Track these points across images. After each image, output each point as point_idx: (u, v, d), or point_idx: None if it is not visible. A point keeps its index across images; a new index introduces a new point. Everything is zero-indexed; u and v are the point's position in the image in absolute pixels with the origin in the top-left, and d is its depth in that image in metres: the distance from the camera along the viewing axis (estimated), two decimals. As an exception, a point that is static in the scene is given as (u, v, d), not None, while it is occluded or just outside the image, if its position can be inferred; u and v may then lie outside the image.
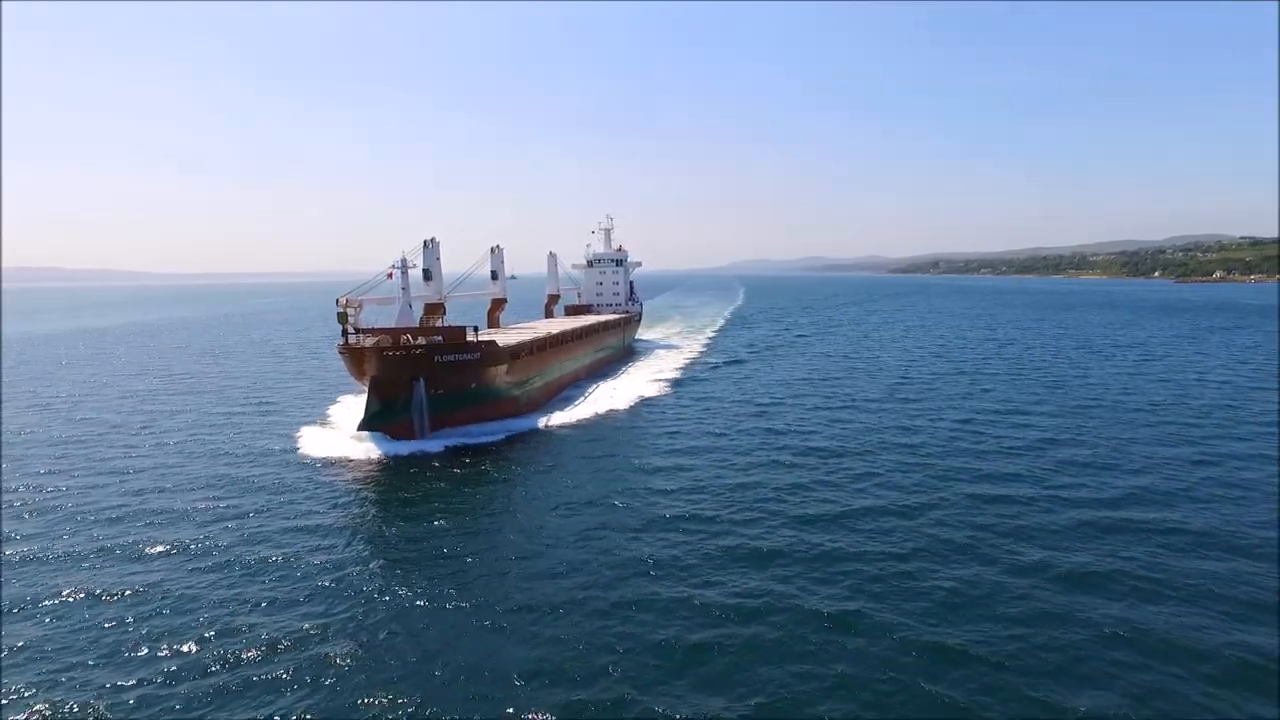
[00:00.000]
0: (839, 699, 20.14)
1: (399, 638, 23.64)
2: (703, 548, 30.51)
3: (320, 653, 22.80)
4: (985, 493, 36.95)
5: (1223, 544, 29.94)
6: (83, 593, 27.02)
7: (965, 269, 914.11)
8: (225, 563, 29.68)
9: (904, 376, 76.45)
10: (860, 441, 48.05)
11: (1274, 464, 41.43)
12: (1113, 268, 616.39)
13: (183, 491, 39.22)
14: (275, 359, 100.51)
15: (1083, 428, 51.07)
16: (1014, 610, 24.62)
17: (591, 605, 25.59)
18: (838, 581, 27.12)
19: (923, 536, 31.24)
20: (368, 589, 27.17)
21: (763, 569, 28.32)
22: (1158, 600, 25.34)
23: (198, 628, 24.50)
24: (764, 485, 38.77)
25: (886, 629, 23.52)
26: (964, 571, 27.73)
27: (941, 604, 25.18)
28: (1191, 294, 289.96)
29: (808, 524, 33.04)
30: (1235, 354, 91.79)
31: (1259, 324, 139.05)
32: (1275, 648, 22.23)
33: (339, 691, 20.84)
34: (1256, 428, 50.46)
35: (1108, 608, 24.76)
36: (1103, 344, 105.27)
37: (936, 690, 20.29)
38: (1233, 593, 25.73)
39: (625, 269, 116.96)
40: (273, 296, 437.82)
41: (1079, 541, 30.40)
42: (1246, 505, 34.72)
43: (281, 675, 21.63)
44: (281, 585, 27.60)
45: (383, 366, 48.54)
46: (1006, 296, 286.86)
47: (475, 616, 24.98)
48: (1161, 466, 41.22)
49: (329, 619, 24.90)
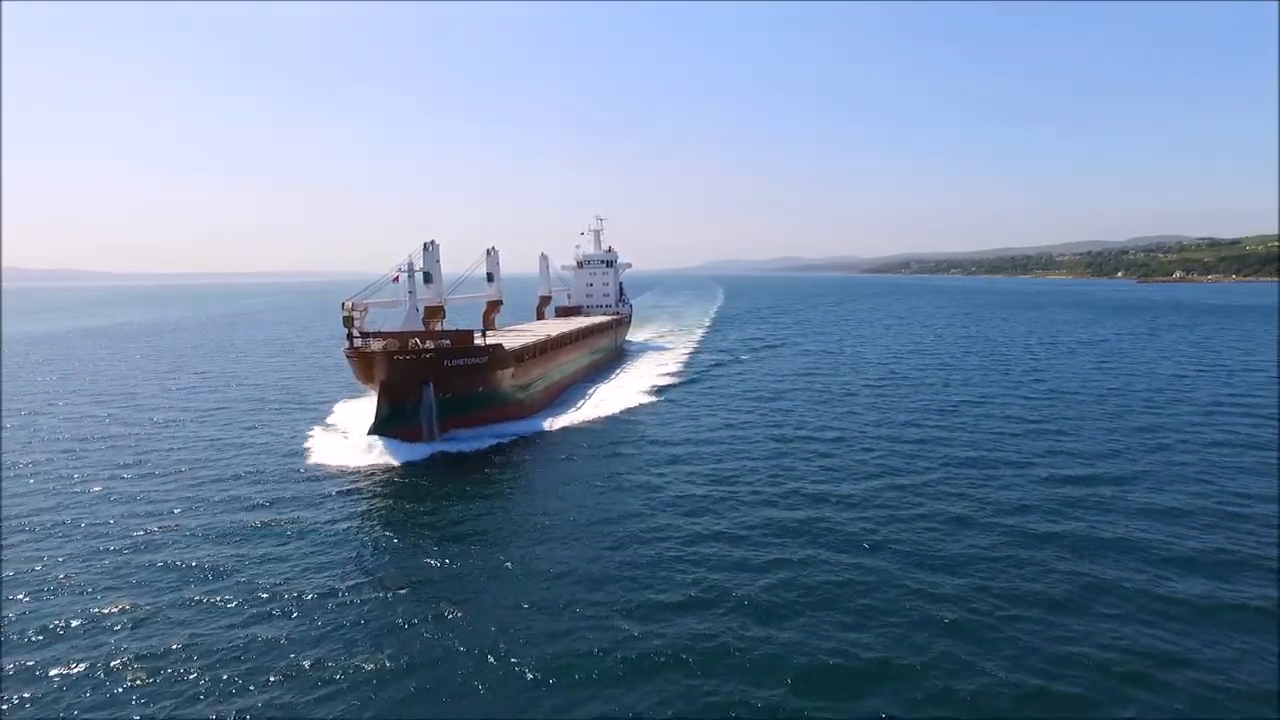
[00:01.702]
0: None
1: (415, 642, 23.70)
2: (725, 549, 31.11)
3: (328, 656, 22.87)
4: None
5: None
6: (84, 615, 26.20)
7: (936, 269, 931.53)
8: (233, 568, 29.61)
9: (892, 371, 79.03)
10: (859, 434, 49.72)
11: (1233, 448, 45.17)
12: (1078, 268, 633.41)
13: (194, 502, 38.74)
14: (277, 359, 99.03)
15: (1056, 414, 55.93)
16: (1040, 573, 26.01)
17: (617, 606, 25.94)
18: (867, 584, 27.96)
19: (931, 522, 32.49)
20: (386, 596, 27.14)
21: (792, 562, 29.06)
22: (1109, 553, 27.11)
23: (204, 629, 24.67)
24: (781, 476, 39.74)
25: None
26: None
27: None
28: (1152, 293, 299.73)
29: (828, 520, 33.96)
30: (1189, 349, 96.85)
31: (1209, 320, 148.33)
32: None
33: (342, 693, 21.00)
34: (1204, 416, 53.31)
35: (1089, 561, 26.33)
36: (1069, 341, 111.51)
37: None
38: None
39: (615, 270, 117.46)
40: (258, 297, 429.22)
41: (1063, 508, 32.21)
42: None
43: (286, 678, 21.75)
44: (292, 591, 27.48)
45: (392, 370, 48.45)
46: (978, 296, 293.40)
47: (497, 618, 25.20)
48: (1125, 446, 44.14)
49: (341, 622, 24.97)
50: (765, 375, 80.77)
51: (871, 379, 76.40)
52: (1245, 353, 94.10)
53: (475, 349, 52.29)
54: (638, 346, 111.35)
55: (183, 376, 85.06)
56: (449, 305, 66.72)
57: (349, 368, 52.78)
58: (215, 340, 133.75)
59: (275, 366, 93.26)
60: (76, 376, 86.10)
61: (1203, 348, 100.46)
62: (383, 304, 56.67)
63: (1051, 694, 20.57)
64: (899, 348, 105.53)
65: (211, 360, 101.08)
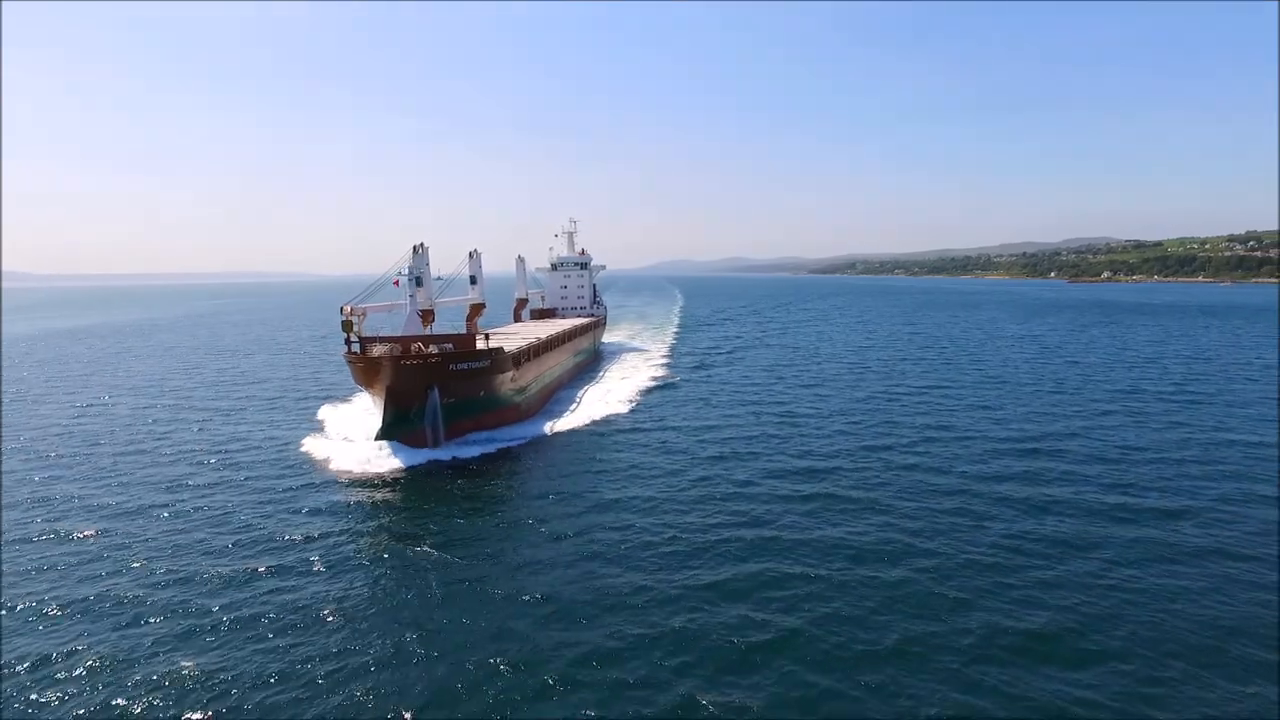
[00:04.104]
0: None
1: (430, 647, 23.65)
2: (733, 545, 31.75)
3: (338, 660, 22.89)
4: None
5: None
6: (84, 615, 26.18)
7: (881, 269, 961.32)
8: (241, 572, 29.29)
9: (863, 369, 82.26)
10: (851, 420, 52.53)
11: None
12: (1014, 268, 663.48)
13: (195, 508, 37.43)
14: (277, 358, 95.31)
15: (999, 396, 63.86)
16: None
17: (636, 607, 26.11)
18: (868, 578, 28.88)
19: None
20: (401, 602, 26.99)
21: (797, 566, 29.62)
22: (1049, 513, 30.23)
23: (212, 632, 24.64)
24: (781, 473, 41.00)
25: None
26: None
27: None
28: (1080, 293, 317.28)
29: (825, 513, 35.26)
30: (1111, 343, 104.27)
31: (1121, 319, 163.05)
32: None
33: (343, 694, 21.12)
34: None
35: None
36: (1006, 336, 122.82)
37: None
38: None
39: (590, 272, 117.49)
40: (202, 299, 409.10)
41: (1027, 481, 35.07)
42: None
43: (288, 680, 21.81)
44: (304, 597, 27.22)
45: (399, 376, 47.69)
46: (924, 296, 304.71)
47: (516, 620, 25.30)
48: (1045, 425, 49.04)
49: (350, 631, 24.81)
50: (750, 373, 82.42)
51: (846, 364, 79.37)
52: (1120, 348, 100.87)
53: (479, 353, 51.91)
54: (614, 348, 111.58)
55: (174, 380, 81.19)
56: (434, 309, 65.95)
57: (350, 372, 51.65)
58: (190, 343, 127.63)
59: (270, 364, 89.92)
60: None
61: (1122, 342, 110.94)
62: (380, 308, 55.67)
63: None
64: (863, 343, 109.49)
65: (201, 361, 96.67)
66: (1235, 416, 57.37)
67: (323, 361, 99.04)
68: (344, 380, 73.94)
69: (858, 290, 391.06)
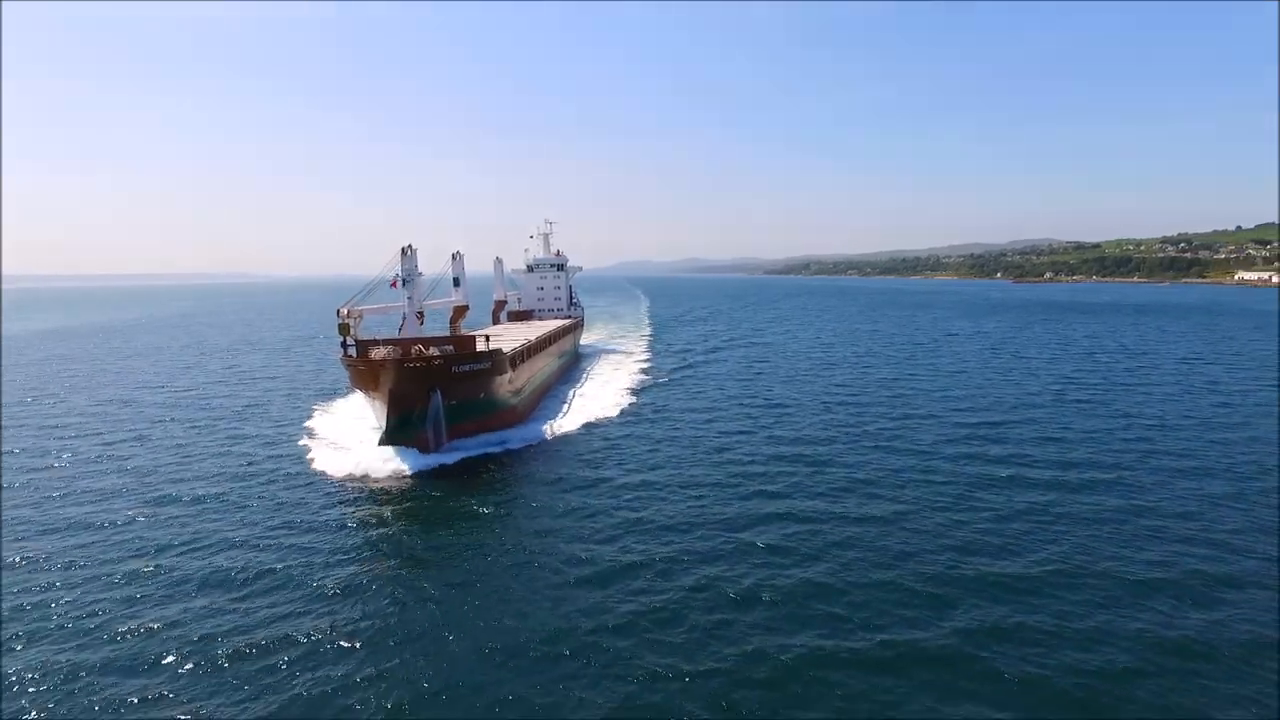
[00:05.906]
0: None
1: (438, 655, 23.87)
2: (739, 546, 32.66)
3: (345, 664, 23.13)
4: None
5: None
6: (84, 616, 26.25)
7: (835, 270, 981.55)
8: (246, 579, 29.41)
9: (831, 360, 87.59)
10: (840, 418, 54.70)
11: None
12: (962, 269, 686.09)
13: (196, 513, 37.27)
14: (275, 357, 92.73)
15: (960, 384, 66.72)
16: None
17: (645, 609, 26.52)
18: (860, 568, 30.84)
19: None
20: (410, 605, 27.07)
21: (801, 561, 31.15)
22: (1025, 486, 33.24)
23: (205, 632, 25.02)
24: (776, 470, 42.76)
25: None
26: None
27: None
28: (1025, 293, 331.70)
29: (820, 507, 37.02)
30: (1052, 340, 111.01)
31: (1059, 317, 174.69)
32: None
33: (344, 696, 21.49)
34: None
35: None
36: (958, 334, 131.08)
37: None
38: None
39: (566, 274, 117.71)
40: (149, 304, 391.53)
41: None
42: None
43: (294, 683, 22.09)
44: (309, 602, 27.35)
45: (400, 379, 47.58)
46: (879, 296, 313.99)
47: (525, 627, 25.47)
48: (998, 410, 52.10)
49: (363, 637, 24.90)
50: (732, 369, 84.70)
51: (814, 360, 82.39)
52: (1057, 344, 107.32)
53: (481, 354, 52.19)
54: (592, 349, 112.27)
55: (155, 390, 78.55)
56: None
57: (349, 376, 51.40)
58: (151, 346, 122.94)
59: (269, 364, 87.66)
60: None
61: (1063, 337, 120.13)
62: (376, 310, 55.43)
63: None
64: (830, 340, 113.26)
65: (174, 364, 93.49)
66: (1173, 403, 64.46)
67: (320, 362, 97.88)
68: (341, 381, 73.52)
69: (815, 291, 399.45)
